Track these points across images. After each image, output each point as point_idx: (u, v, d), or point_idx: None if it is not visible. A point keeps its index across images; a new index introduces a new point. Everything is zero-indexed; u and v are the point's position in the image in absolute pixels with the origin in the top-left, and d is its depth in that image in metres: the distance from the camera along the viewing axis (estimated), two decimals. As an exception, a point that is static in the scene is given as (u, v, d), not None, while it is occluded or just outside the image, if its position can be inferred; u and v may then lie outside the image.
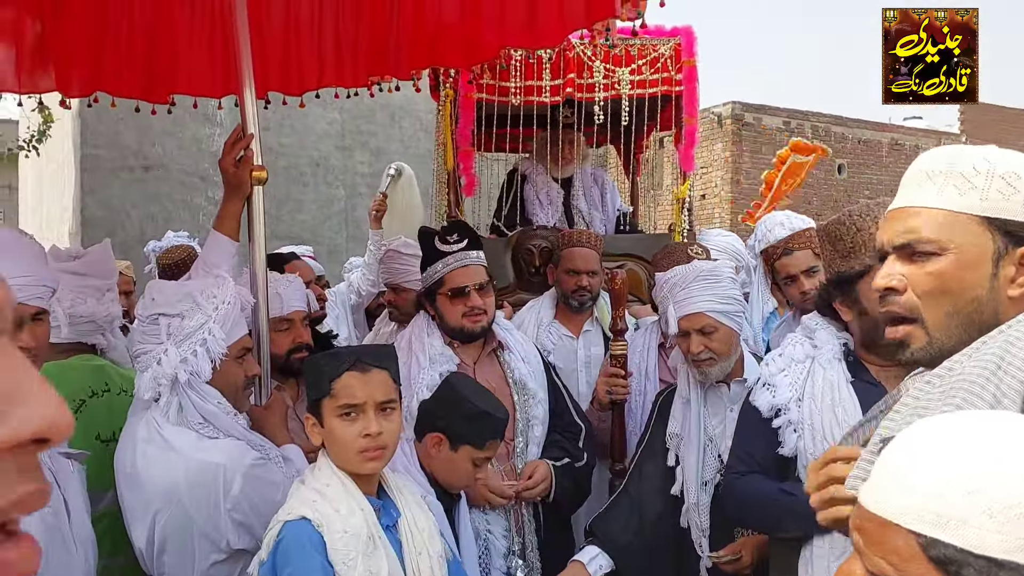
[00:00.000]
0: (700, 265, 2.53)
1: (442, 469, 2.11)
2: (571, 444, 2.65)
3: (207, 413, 1.94)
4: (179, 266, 4.22)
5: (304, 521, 1.62)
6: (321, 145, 9.94)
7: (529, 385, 2.61)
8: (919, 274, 1.19)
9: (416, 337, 2.67)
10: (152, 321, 1.96)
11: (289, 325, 2.47)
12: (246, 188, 2.34)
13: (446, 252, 2.62)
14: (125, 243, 8.78)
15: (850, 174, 16.75)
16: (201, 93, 3.18)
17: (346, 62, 3.12)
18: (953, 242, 1.17)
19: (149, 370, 1.93)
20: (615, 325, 2.87)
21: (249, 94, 2.42)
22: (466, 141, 3.66)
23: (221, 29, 3.01)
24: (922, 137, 17.84)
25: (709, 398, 2.46)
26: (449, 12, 2.85)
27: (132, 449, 1.92)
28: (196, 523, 1.86)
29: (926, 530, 0.74)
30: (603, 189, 4.22)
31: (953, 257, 1.17)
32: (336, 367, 1.71)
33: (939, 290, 1.18)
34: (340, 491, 1.67)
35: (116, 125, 8.52)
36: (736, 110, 15.38)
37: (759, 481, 2.06)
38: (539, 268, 3.56)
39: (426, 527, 1.78)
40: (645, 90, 3.68)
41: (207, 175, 9.27)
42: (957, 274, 1.17)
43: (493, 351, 2.69)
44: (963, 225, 1.17)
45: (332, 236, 10.01)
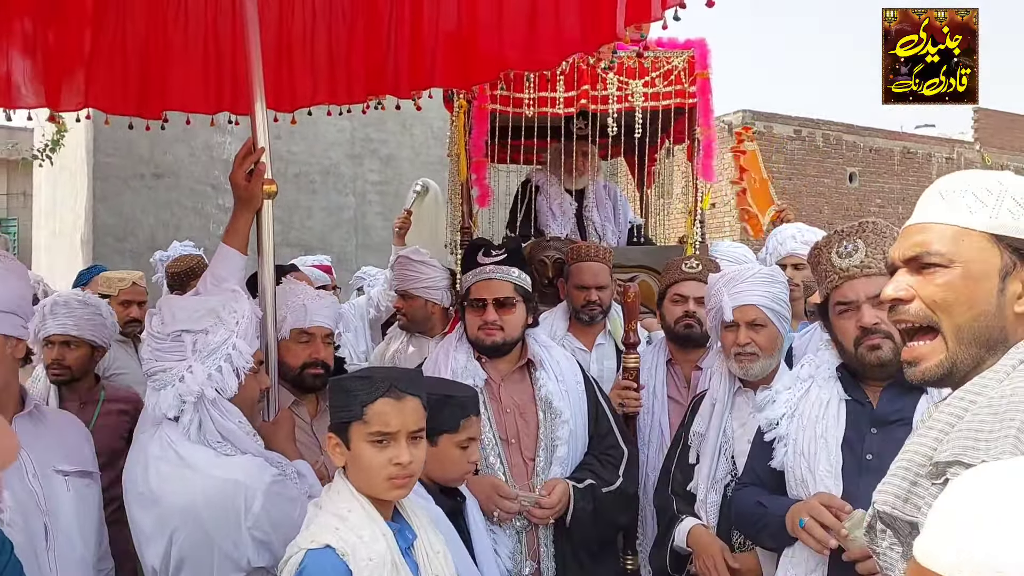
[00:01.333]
0: (759, 266, 2.71)
1: (433, 467, 2.07)
2: (605, 468, 2.59)
3: (226, 431, 1.93)
4: (188, 274, 4.23)
5: (328, 550, 1.58)
6: (331, 153, 9.97)
7: (555, 404, 2.57)
8: (927, 285, 1.21)
9: (443, 351, 2.67)
10: (175, 338, 1.95)
11: (309, 339, 2.44)
12: (257, 202, 2.32)
13: (480, 264, 2.64)
14: (136, 250, 8.83)
15: (862, 183, 16.68)
16: (194, 110, 3.19)
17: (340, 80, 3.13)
18: (961, 255, 1.19)
19: (170, 387, 1.91)
20: (627, 338, 2.86)
21: (260, 108, 2.40)
22: (479, 152, 3.66)
23: (214, 46, 3.03)
24: (935, 145, 17.77)
25: (736, 402, 2.51)
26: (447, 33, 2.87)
27: (144, 467, 1.90)
28: (215, 541, 1.83)
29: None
30: (615, 201, 4.22)
31: (960, 269, 1.19)
32: (370, 392, 1.67)
33: (946, 301, 1.20)
34: (362, 516, 1.64)
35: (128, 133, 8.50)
36: (747, 119, 15.35)
37: (748, 493, 2.19)
38: (552, 280, 3.55)
39: (440, 549, 1.77)
40: (659, 102, 3.68)
41: (218, 183, 9.31)
42: (964, 286, 1.19)
43: (525, 368, 2.67)
44: (972, 240, 1.19)
45: (342, 244, 10.03)
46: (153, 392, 1.95)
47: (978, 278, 1.19)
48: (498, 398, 2.61)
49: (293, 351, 2.42)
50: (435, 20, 2.92)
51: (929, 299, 1.21)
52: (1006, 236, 1.18)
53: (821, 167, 16.07)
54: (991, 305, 1.18)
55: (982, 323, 1.18)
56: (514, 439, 2.57)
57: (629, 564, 2.77)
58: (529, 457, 2.55)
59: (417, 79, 3.02)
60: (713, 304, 2.57)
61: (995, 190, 1.21)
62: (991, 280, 1.18)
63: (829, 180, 16.22)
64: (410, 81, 3.03)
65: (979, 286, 1.18)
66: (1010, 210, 1.19)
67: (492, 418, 2.56)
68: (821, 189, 16.09)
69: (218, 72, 3.12)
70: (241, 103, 3.21)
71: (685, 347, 2.95)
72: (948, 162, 17.93)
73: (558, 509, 2.46)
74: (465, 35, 2.82)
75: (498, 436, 2.54)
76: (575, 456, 2.59)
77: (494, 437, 2.53)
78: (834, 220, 15.57)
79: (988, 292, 1.18)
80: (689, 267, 2.94)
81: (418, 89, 3.12)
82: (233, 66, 3.10)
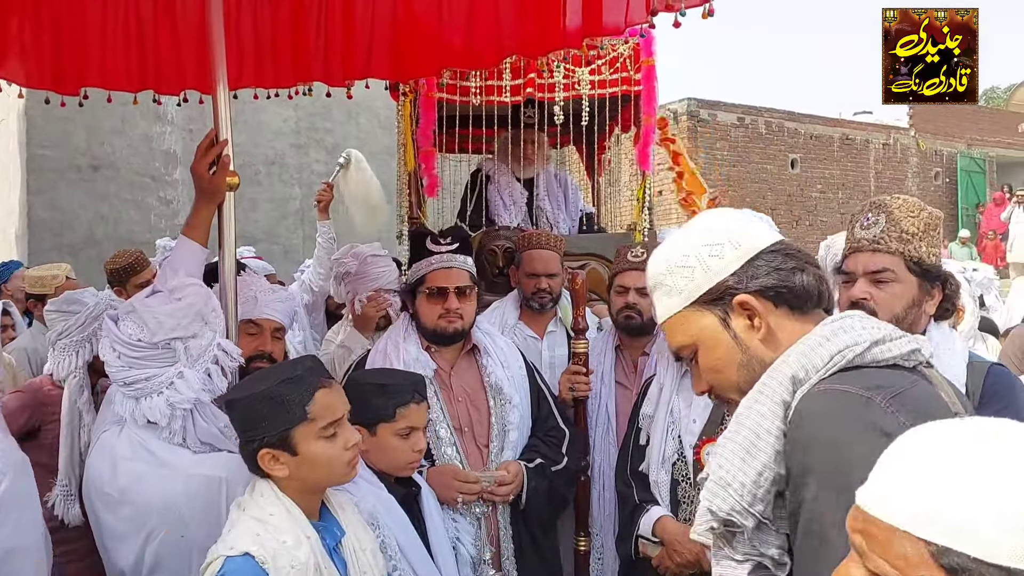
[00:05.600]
0: None
1: (376, 458, 2.08)
2: (551, 448, 2.64)
3: (210, 437, 1.90)
4: (128, 271, 4.08)
5: (247, 557, 1.52)
6: (276, 143, 9.79)
7: (505, 390, 2.60)
8: (703, 369, 1.34)
9: (392, 344, 2.65)
10: (164, 346, 1.90)
11: (258, 330, 2.41)
12: (221, 195, 2.25)
13: (433, 252, 2.62)
14: (74, 245, 8.56)
15: (803, 168, 17.02)
16: (115, 87, 3.09)
17: (266, 64, 3.09)
18: (693, 336, 1.32)
19: (156, 395, 1.86)
20: (576, 324, 2.89)
21: (223, 95, 2.32)
22: (427, 141, 3.64)
23: (136, 22, 2.94)
24: (872, 132, 18.20)
25: (683, 383, 2.56)
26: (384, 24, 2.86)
27: (112, 468, 1.85)
28: (196, 539, 1.79)
29: (937, 539, 0.76)
30: (566, 189, 4.23)
31: (704, 348, 1.31)
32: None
33: (719, 375, 1.32)
34: (285, 519, 1.60)
35: (64, 124, 8.29)
36: (691, 106, 15.51)
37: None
38: (503, 269, 3.56)
39: (369, 546, 1.76)
40: (605, 90, 3.70)
41: (158, 175, 9.07)
42: (715, 357, 1.31)
43: (471, 355, 2.68)
44: (686, 319, 1.32)
45: (288, 236, 9.88)
46: (128, 400, 1.89)
47: (713, 344, 1.30)
48: (449, 386, 2.61)
49: (240, 343, 2.38)
50: (371, 9, 2.90)
51: (709, 383, 1.34)
52: (697, 299, 1.30)
53: (764, 153, 16.34)
54: (740, 353, 1.28)
55: (747, 371, 1.28)
56: (467, 427, 2.59)
57: (582, 546, 2.81)
58: (483, 444, 2.58)
59: (351, 68, 2.99)
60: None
61: (665, 269, 1.33)
62: (722, 336, 1.29)
63: (772, 166, 16.51)
64: (343, 69, 3.00)
65: (720, 347, 1.30)
66: (684, 277, 1.31)
67: (444, 408, 2.57)
68: (764, 175, 16.36)
69: (140, 49, 3.02)
70: (165, 82, 3.13)
71: (630, 335, 2.99)
72: (885, 148, 18.42)
73: (515, 486, 2.49)
74: (403, 28, 2.80)
75: (451, 426, 2.55)
76: (523, 440, 2.63)
77: (448, 428, 2.54)
78: (777, 206, 15.87)
79: (729, 347, 1.29)
80: (633, 256, 2.97)
81: (353, 79, 3.09)
82: (156, 43, 3.02)
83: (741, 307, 1.27)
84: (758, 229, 1.33)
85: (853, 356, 1.17)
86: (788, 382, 1.18)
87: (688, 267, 1.30)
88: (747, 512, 1.17)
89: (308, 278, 4.44)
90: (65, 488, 2.49)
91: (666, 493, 2.50)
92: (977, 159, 19.69)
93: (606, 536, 2.82)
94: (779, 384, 1.19)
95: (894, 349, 1.20)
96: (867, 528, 0.82)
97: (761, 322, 1.27)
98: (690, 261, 1.30)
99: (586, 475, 2.83)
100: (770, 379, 1.20)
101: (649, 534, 2.47)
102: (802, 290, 1.28)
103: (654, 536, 2.46)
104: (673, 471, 2.49)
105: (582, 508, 2.82)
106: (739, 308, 1.27)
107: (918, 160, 18.89)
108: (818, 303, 1.31)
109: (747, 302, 1.27)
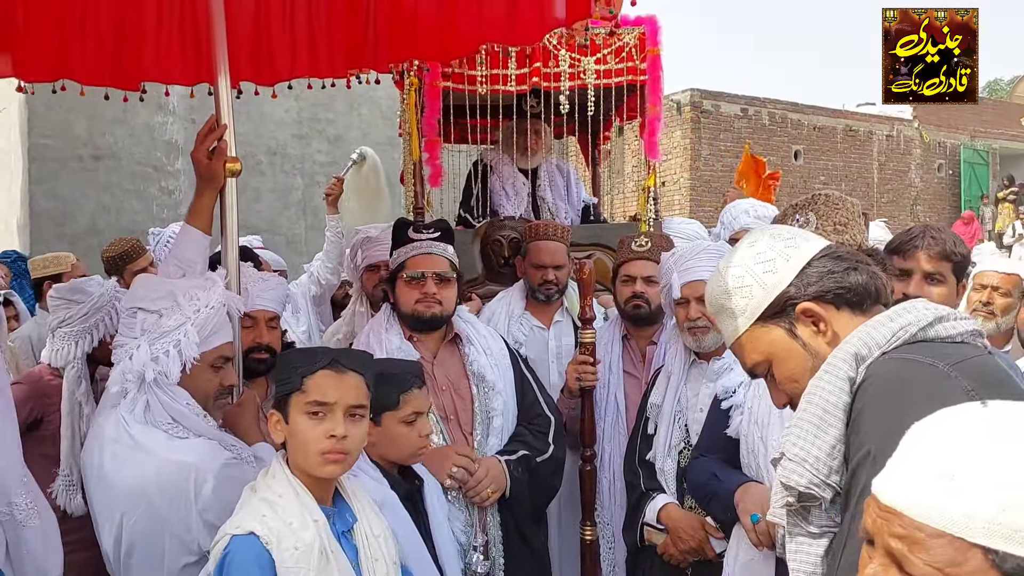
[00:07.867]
0: (707, 243, 2.79)
1: (384, 449, 2.07)
2: (536, 437, 2.63)
3: (175, 413, 1.90)
4: (123, 258, 4.06)
5: (252, 537, 1.55)
6: (278, 133, 9.78)
7: (488, 377, 2.60)
8: (780, 381, 1.38)
9: (374, 334, 2.64)
10: (131, 314, 1.92)
11: (252, 323, 2.40)
12: (219, 180, 2.25)
13: (414, 239, 2.63)
14: (76, 235, 8.55)
15: (806, 160, 16.97)
16: (172, 81, 3.08)
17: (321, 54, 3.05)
18: (764, 351, 1.37)
19: (120, 364, 1.88)
20: (583, 314, 2.88)
21: (224, 83, 2.32)
22: (432, 131, 3.62)
23: (191, 16, 2.92)
24: (876, 123, 18.14)
25: (691, 373, 2.58)
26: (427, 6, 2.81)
27: (100, 449, 1.87)
28: (167, 524, 1.81)
29: (999, 545, 0.73)
30: (568, 180, 4.21)
31: (777, 361, 1.36)
32: (311, 363, 1.66)
33: (796, 384, 1.35)
34: (293, 502, 1.61)
35: (65, 114, 8.27)
36: (695, 97, 15.46)
37: (703, 464, 2.29)
38: (508, 259, 3.54)
39: (381, 532, 1.76)
40: (611, 79, 3.67)
41: (160, 164, 9.06)
42: (789, 368, 1.35)
43: (453, 344, 2.67)
44: (758, 334, 1.37)
45: (290, 226, 9.87)
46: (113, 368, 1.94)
47: (786, 356, 1.35)
48: (432, 376, 2.60)
49: None
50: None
51: (788, 394, 1.38)
52: (762, 314, 1.35)
53: (767, 145, 16.29)
54: (810, 360, 1.33)
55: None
56: (452, 416, 2.59)
57: (588, 535, 2.81)
58: (468, 432, 2.58)
59: (396, 52, 2.96)
60: (664, 282, 2.65)
61: (729, 291, 1.39)
62: (794, 347, 1.34)
63: (775, 158, 16.44)
64: (388, 54, 2.97)
65: (792, 358, 1.34)
66: (744, 297, 1.37)
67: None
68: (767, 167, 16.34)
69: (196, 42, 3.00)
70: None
71: (637, 324, 2.98)
72: (889, 140, 18.37)
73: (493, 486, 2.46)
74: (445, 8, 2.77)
75: (437, 415, 2.54)
76: (509, 427, 2.62)
77: (434, 416, 2.53)
78: (780, 197, 15.82)
79: (800, 356, 1.34)
80: (638, 245, 2.96)
81: (396, 62, 3.07)
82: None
83: (804, 315, 1.32)
84: (803, 238, 1.39)
85: (916, 331, 1.22)
86: (851, 359, 1.22)
87: (745, 287, 1.37)
88: (824, 484, 1.22)
89: (317, 270, 4.49)
90: (67, 478, 2.49)
91: (672, 481, 2.51)
92: (980, 151, 19.63)
93: (617, 526, 2.81)
94: (843, 361, 1.22)
95: (959, 327, 1.23)
96: (909, 534, 0.78)
97: (826, 326, 1.32)
98: (746, 281, 1.37)
99: (592, 465, 2.82)
100: (835, 358, 1.24)
101: (655, 522, 2.47)
102: (859, 288, 1.33)
103: (659, 523, 2.46)
104: (679, 459, 2.50)
105: (588, 498, 2.81)
106: (803, 316, 1.33)
107: (921, 152, 18.84)
108: (876, 299, 1.35)
109: (810, 309, 1.32)
